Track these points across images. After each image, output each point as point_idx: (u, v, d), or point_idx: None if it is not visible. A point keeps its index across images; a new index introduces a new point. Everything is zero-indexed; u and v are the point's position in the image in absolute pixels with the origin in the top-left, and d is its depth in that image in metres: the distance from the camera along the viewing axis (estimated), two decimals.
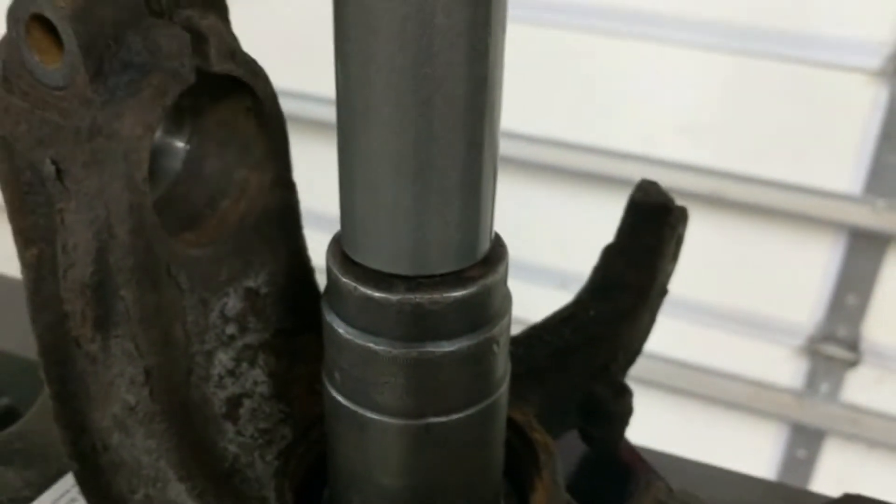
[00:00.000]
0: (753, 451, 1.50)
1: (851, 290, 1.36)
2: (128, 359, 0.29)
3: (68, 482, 0.39)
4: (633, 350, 0.40)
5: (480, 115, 0.25)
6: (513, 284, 0.32)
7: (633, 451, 0.42)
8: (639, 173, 1.45)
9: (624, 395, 0.38)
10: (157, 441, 0.29)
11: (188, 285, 0.31)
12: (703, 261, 1.36)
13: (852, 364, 1.39)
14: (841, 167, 1.28)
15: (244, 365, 0.33)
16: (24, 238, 0.29)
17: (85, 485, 0.31)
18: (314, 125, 1.16)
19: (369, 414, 0.28)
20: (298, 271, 0.35)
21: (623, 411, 0.38)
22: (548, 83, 1.31)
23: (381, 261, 0.27)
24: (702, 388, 1.47)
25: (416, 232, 0.26)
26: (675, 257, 0.40)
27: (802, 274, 1.38)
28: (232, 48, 0.30)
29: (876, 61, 1.19)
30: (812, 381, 1.44)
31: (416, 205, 0.26)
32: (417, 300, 0.26)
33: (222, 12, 0.30)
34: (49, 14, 0.26)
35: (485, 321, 0.28)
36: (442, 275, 0.27)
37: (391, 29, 0.23)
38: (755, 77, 1.24)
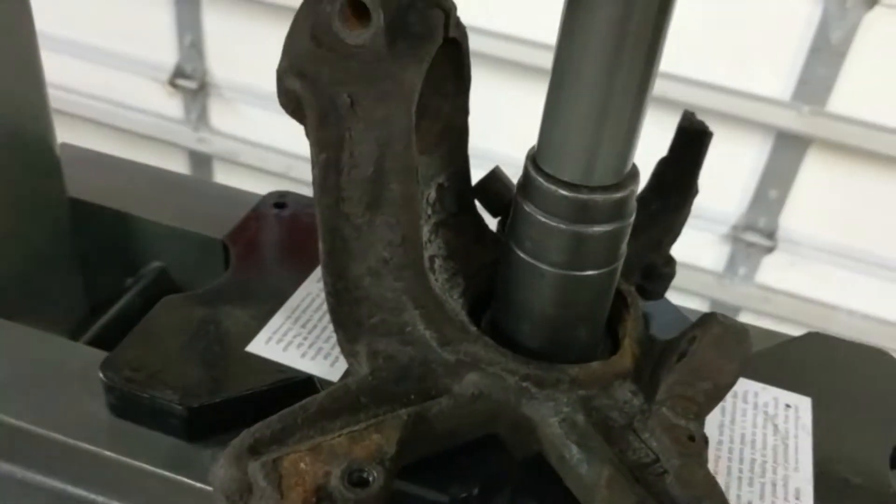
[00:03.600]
0: None
1: (773, 186, 1.49)
2: (389, 228, 0.43)
3: (279, 319, 0.54)
4: (677, 231, 0.55)
5: (644, 87, 0.39)
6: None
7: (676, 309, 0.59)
8: None
9: (671, 263, 0.55)
10: (402, 283, 0.44)
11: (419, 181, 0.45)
12: (648, 156, 1.47)
13: (769, 250, 1.55)
14: (775, 76, 1.40)
15: (432, 236, 0.48)
16: (320, 146, 0.42)
17: (335, 313, 0.45)
18: None
19: (550, 269, 0.43)
20: (464, 171, 0.49)
21: (670, 273, 0.55)
22: None
23: (570, 174, 0.41)
24: None
25: (594, 158, 0.40)
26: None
27: (732, 169, 1.50)
28: (457, 19, 0.43)
29: None
30: (732, 264, 1.59)
31: (594, 141, 0.40)
32: (594, 198, 0.41)
33: None
34: (366, 2, 0.39)
35: (625, 214, 0.43)
36: (605, 185, 0.41)
37: (602, 32, 0.37)
38: None
